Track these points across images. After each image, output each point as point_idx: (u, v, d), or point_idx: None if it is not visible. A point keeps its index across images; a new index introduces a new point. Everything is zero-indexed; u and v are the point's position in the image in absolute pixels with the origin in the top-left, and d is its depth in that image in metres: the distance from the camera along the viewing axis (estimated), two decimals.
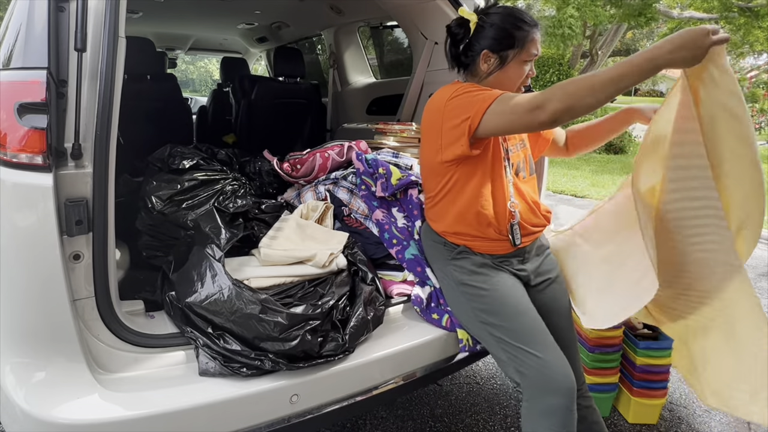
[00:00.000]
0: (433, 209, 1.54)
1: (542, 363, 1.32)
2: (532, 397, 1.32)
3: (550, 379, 1.30)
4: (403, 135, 2.42)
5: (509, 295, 1.42)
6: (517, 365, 1.35)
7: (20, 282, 1.13)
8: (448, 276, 1.51)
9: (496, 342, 1.40)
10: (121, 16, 1.21)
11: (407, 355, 1.50)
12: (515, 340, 1.36)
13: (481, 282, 1.43)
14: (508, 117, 1.24)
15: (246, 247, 1.66)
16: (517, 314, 1.39)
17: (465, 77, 1.52)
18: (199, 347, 1.28)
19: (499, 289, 1.42)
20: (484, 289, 1.42)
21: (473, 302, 1.44)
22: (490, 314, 1.41)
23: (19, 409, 1.07)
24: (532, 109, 1.19)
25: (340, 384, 1.37)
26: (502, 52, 1.41)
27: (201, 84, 24.30)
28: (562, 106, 1.15)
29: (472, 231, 1.45)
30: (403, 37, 3.46)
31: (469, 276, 1.45)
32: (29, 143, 1.09)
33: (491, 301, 1.41)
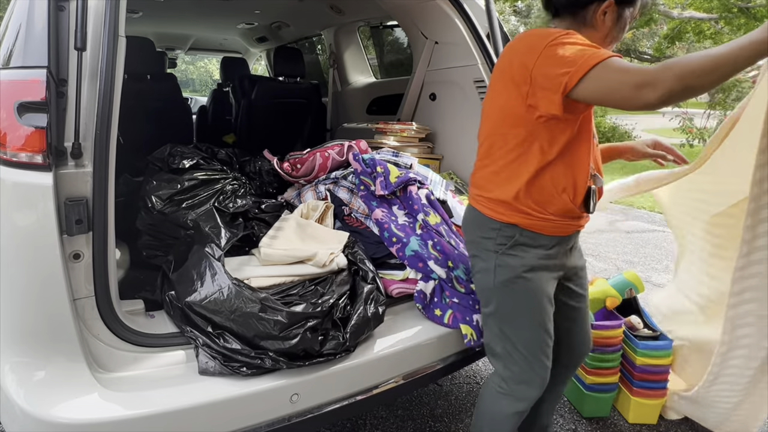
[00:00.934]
0: (499, 174, 1.31)
1: (532, 377, 1.38)
2: (503, 387, 1.41)
3: (528, 389, 1.39)
4: (403, 134, 2.43)
5: (541, 312, 1.35)
6: (508, 363, 1.39)
7: (20, 281, 1.13)
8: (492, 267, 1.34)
9: (500, 338, 1.39)
10: (121, 16, 1.22)
11: (407, 355, 1.50)
12: (522, 348, 1.36)
13: (524, 286, 1.32)
14: (609, 86, 1.08)
15: (246, 247, 1.66)
16: (537, 330, 1.35)
17: (560, 26, 1.33)
18: (198, 346, 1.28)
19: (536, 298, 1.33)
20: (523, 296, 1.33)
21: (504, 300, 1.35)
22: (512, 320, 1.36)
23: (18, 409, 1.07)
24: (641, 85, 1.03)
25: (341, 383, 1.37)
26: (622, 7, 1.27)
27: (201, 84, 24.29)
28: (677, 86, 0.99)
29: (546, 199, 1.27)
30: (403, 37, 3.47)
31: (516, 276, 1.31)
32: (29, 142, 1.09)
33: (521, 309, 1.34)
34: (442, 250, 1.67)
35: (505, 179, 1.29)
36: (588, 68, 1.08)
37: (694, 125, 8.29)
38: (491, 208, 1.32)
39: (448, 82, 2.42)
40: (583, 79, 1.09)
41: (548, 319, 1.37)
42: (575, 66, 1.10)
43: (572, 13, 1.30)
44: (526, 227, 1.29)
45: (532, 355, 1.36)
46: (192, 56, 14.68)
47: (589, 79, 1.09)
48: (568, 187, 1.27)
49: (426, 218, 1.75)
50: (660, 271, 4.06)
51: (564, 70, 1.11)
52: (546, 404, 1.65)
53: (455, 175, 2.39)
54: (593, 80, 1.09)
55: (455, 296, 1.61)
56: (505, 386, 1.41)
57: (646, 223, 5.72)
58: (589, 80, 1.09)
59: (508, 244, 1.30)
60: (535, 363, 1.37)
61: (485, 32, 2.16)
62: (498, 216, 1.31)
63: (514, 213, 1.29)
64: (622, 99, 1.07)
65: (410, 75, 2.69)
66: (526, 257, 1.30)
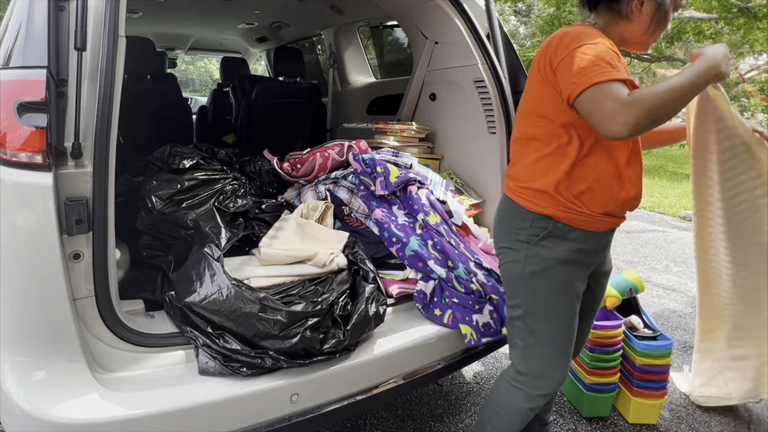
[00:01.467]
0: (538, 164, 1.29)
1: (552, 373, 1.36)
2: (519, 380, 1.40)
3: (547, 384, 1.37)
4: (403, 134, 2.43)
5: (569, 307, 1.34)
6: (529, 357, 1.38)
7: (20, 281, 1.13)
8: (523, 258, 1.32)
9: (524, 331, 1.37)
10: (121, 16, 1.21)
11: (407, 355, 1.50)
12: (546, 342, 1.34)
13: (553, 278, 1.31)
14: (593, 108, 1.11)
15: (246, 247, 1.66)
16: (563, 325, 1.34)
17: (597, 20, 1.32)
18: (198, 347, 1.28)
19: (565, 292, 1.32)
20: (552, 288, 1.32)
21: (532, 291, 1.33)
22: (538, 312, 1.34)
23: (18, 409, 1.07)
24: (614, 115, 1.07)
25: (341, 383, 1.37)
26: None
27: (201, 84, 24.28)
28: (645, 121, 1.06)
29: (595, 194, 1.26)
30: (403, 37, 3.47)
31: (546, 267, 1.30)
32: (29, 142, 1.09)
33: (549, 301, 1.33)
34: (443, 250, 1.67)
35: (544, 169, 1.28)
36: (588, 85, 1.11)
37: None
38: (528, 198, 1.31)
39: (448, 82, 2.42)
40: (581, 94, 1.13)
41: (575, 314, 1.36)
42: (582, 78, 1.12)
43: (609, 7, 1.29)
44: (561, 219, 1.27)
45: (556, 350, 1.35)
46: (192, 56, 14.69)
47: (585, 94, 1.12)
48: (610, 182, 1.26)
49: (426, 218, 1.75)
50: (660, 271, 4.06)
51: (572, 80, 1.14)
52: None
53: (455, 175, 2.39)
54: (586, 97, 1.12)
55: (455, 296, 1.61)
56: (522, 380, 1.39)
57: (646, 223, 5.72)
58: (585, 96, 1.12)
59: (541, 235, 1.29)
60: (557, 358, 1.35)
61: (485, 32, 2.16)
62: (534, 207, 1.29)
63: (551, 204, 1.27)
64: (598, 124, 1.11)
65: (410, 75, 2.69)
66: (558, 249, 1.29)
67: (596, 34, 1.20)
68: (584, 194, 1.26)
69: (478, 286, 1.65)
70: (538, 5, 15.43)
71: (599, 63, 1.13)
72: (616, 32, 1.29)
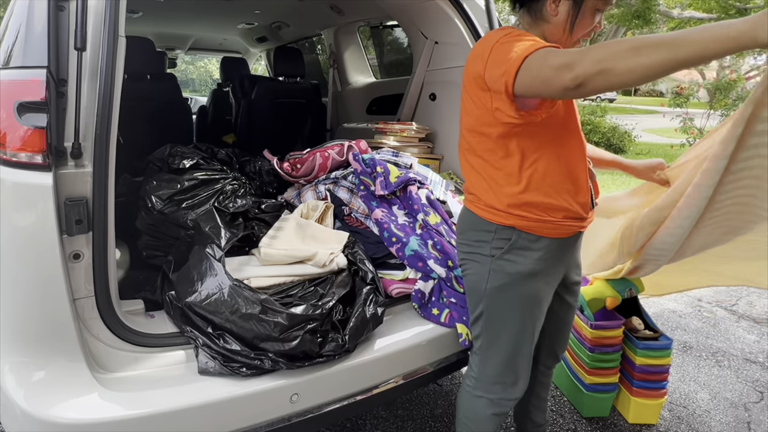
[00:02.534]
0: (491, 177, 1.25)
1: (508, 378, 1.36)
2: (475, 387, 1.40)
3: (504, 390, 1.37)
4: (403, 134, 2.43)
5: (532, 319, 1.32)
6: (485, 363, 1.37)
7: (20, 281, 1.13)
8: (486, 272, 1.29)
9: (482, 339, 1.36)
10: (121, 16, 1.21)
11: (407, 355, 1.50)
12: (503, 351, 1.33)
13: (517, 293, 1.28)
14: (535, 73, 1.02)
15: (246, 247, 1.66)
16: (523, 336, 1.33)
17: (521, 21, 1.29)
18: (198, 347, 1.28)
19: (527, 305, 1.30)
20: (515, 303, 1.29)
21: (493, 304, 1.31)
22: (498, 324, 1.32)
23: (18, 409, 1.07)
24: (560, 67, 0.96)
25: (340, 383, 1.37)
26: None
27: (201, 84, 24.28)
28: (592, 68, 0.92)
29: (543, 200, 1.22)
30: (403, 37, 3.46)
31: (510, 282, 1.27)
32: (29, 142, 1.09)
33: (510, 314, 1.30)
34: (442, 250, 1.67)
35: (497, 183, 1.24)
36: (521, 60, 1.04)
37: (694, 126, 8.29)
38: (485, 209, 1.27)
39: (448, 82, 2.42)
40: (518, 74, 1.05)
41: (537, 326, 1.35)
42: (510, 62, 1.06)
43: (528, 7, 1.26)
44: (525, 229, 1.23)
45: (515, 359, 1.34)
46: (192, 56, 14.68)
47: (521, 71, 1.05)
48: (565, 186, 1.24)
49: (426, 218, 1.75)
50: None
51: (502, 70, 1.08)
52: (532, 404, 1.66)
53: (455, 175, 2.39)
54: (524, 71, 1.04)
55: (453, 296, 1.61)
56: (479, 386, 1.39)
57: None
58: (522, 73, 1.05)
59: (505, 248, 1.25)
60: (515, 366, 1.35)
61: (485, 32, 2.16)
62: (494, 218, 1.25)
63: (511, 215, 1.23)
64: (544, 83, 1.01)
65: (410, 75, 2.69)
66: (523, 262, 1.25)
67: (507, 31, 1.16)
68: (542, 203, 1.22)
69: None
70: None
71: (523, 43, 1.07)
72: (537, 33, 1.24)
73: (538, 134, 1.20)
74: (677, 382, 2.40)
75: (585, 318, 2.05)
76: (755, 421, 2.13)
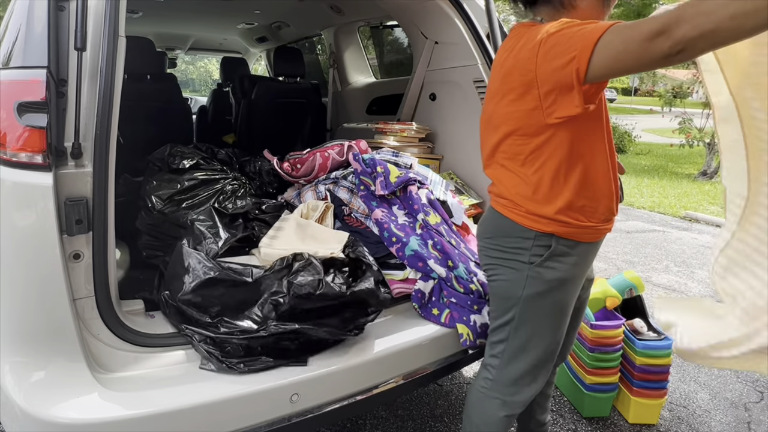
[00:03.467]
0: (530, 185, 1.20)
1: (529, 381, 1.34)
2: (491, 387, 1.36)
3: (520, 392, 1.34)
4: (403, 134, 2.43)
5: (561, 324, 1.31)
6: (509, 366, 1.33)
7: (20, 281, 1.13)
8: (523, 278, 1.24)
9: (509, 343, 1.32)
10: (121, 16, 1.22)
11: (407, 355, 1.50)
12: (531, 355, 1.30)
13: (554, 299, 1.25)
14: (619, 49, 0.94)
15: (246, 247, 1.66)
16: (553, 340, 1.31)
17: (542, 16, 1.23)
18: (196, 343, 1.28)
19: (561, 311, 1.29)
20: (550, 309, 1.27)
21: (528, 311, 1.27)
22: (530, 329, 1.28)
23: (18, 409, 1.07)
24: (653, 36, 0.88)
25: (341, 383, 1.37)
26: None
27: (201, 84, 24.29)
28: (694, 31, 0.83)
29: (596, 204, 1.19)
30: (403, 37, 3.47)
31: (548, 290, 1.23)
32: (29, 142, 1.09)
33: (544, 321, 1.28)
34: (443, 250, 1.67)
35: (539, 189, 1.19)
36: (594, 43, 0.97)
37: (693, 126, 8.31)
38: (523, 215, 1.22)
39: (448, 82, 2.42)
40: (593, 57, 0.98)
41: (565, 329, 1.34)
42: (579, 47, 0.99)
43: (544, 2, 1.21)
44: (564, 235, 1.20)
45: (540, 362, 1.32)
46: (192, 56, 14.68)
47: (597, 53, 0.97)
48: (605, 186, 1.21)
49: (426, 218, 1.75)
50: (660, 271, 4.06)
51: (569, 56, 1.01)
52: (537, 402, 1.65)
53: (455, 175, 2.39)
54: (602, 52, 0.97)
55: (453, 296, 1.61)
56: (494, 387, 1.36)
57: (646, 223, 5.72)
58: (598, 54, 0.97)
59: (545, 255, 1.21)
60: (538, 370, 1.33)
61: (485, 32, 2.16)
62: (534, 225, 1.20)
63: (551, 222, 1.19)
64: (636, 60, 0.93)
65: (410, 75, 2.69)
66: (561, 269, 1.22)
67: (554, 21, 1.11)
68: (586, 206, 1.20)
69: (478, 286, 1.65)
70: None
71: (584, 25, 1.01)
72: None
73: (582, 131, 1.15)
74: (677, 382, 2.40)
75: (585, 318, 2.05)
76: (755, 421, 2.13)
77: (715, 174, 8.37)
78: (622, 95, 37.96)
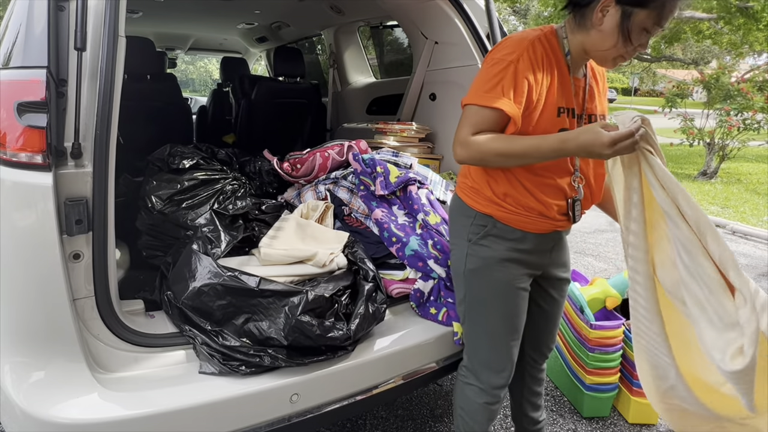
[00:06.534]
0: (476, 172, 1.34)
1: (496, 363, 1.40)
2: (467, 376, 1.46)
3: (493, 377, 1.41)
4: (403, 134, 2.43)
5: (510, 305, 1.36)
6: (473, 349, 1.43)
7: (20, 281, 1.13)
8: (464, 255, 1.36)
9: (467, 325, 1.43)
10: (120, 16, 1.22)
11: (407, 355, 1.50)
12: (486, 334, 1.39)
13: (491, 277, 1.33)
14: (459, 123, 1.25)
15: (246, 247, 1.66)
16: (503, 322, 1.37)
17: (566, 23, 1.27)
18: (197, 345, 1.28)
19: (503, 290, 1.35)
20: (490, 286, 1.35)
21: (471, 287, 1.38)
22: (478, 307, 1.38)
23: (18, 409, 1.07)
24: (460, 143, 1.21)
25: (341, 383, 1.37)
26: (627, 6, 1.12)
27: (201, 84, 24.29)
28: (468, 159, 1.22)
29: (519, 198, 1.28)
30: (403, 37, 3.46)
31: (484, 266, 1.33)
32: (29, 142, 1.09)
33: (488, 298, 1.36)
34: (443, 249, 1.67)
35: (482, 170, 1.32)
36: (468, 102, 1.23)
37: (694, 126, 8.31)
38: (470, 195, 1.35)
39: (448, 82, 2.42)
40: (465, 107, 1.25)
41: (517, 312, 1.38)
42: (471, 92, 1.24)
43: (575, 11, 1.24)
44: (501, 219, 1.31)
45: (497, 342, 1.39)
46: (192, 56, 14.69)
47: (465, 108, 1.25)
48: (535, 195, 1.28)
49: (426, 218, 1.75)
50: None
51: (470, 89, 1.25)
52: (525, 398, 1.66)
53: (455, 175, 2.39)
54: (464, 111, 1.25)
55: (450, 296, 1.62)
56: (467, 374, 1.45)
57: None
58: (464, 109, 1.25)
59: (480, 234, 1.33)
60: (498, 350, 1.39)
61: (485, 32, 2.16)
62: (474, 204, 1.34)
63: (490, 203, 1.31)
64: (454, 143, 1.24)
65: (410, 75, 2.69)
66: (496, 249, 1.32)
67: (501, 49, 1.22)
68: (509, 195, 1.29)
69: None
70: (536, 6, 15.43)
71: (491, 82, 1.19)
72: (578, 40, 1.23)
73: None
74: None
75: (585, 318, 2.05)
76: None
77: (715, 174, 8.37)
78: (622, 95, 37.97)
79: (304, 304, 1.29)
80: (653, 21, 1.13)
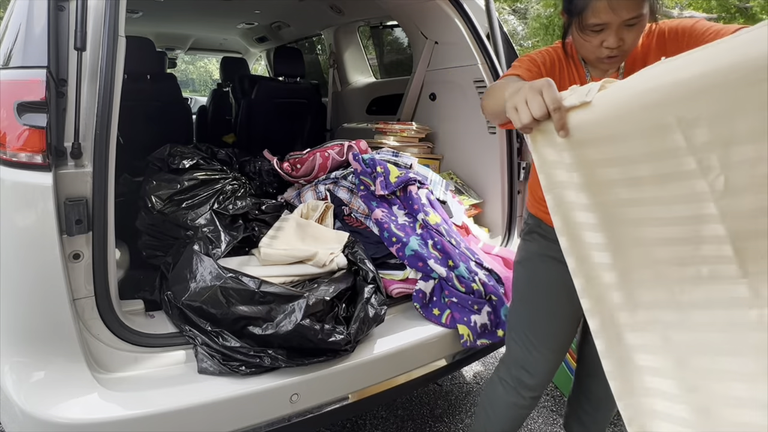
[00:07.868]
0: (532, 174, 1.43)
1: (531, 363, 1.38)
2: (502, 372, 1.46)
3: (528, 377, 1.38)
4: (403, 134, 2.43)
5: (551, 303, 1.36)
6: (511, 344, 1.44)
7: (20, 281, 1.13)
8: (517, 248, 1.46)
9: (510, 318, 1.46)
10: (120, 16, 1.22)
11: (408, 355, 1.50)
12: (524, 330, 1.39)
13: (531, 269, 1.39)
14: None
15: (246, 247, 1.66)
16: (541, 319, 1.37)
17: None
18: (197, 346, 1.28)
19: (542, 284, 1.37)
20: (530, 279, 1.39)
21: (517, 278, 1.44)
22: (520, 300, 1.42)
23: (18, 409, 1.07)
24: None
25: (341, 383, 1.37)
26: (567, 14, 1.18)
27: (201, 84, 24.28)
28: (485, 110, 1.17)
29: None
30: (403, 37, 3.47)
31: (526, 259, 1.40)
32: (29, 142, 1.09)
33: (528, 290, 1.40)
34: (443, 249, 1.67)
35: (533, 173, 1.37)
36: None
37: None
38: (528, 195, 1.47)
39: (448, 82, 2.42)
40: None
41: (556, 308, 1.35)
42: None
43: None
44: (544, 220, 1.35)
45: (533, 343, 1.36)
46: (192, 56, 14.69)
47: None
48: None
49: (426, 218, 1.75)
50: None
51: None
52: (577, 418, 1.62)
53: (455, 175, 2.39)
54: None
55: (454, 296, 1.61)
56: (501, 366, 1.46)
57: None
58: None
59: (527, 230, 1.42)
60: (533, 352, 1.36)
61: (485, 32, 2.16)
62: (527, 204, 1.46)
63: (536, 204, 1.39)
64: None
65: (410, 75, 2.69)
66: (539, 244, 1.37)
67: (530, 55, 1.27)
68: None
69: (480, 285, 1.65)
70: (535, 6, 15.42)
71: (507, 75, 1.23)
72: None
73: None
74: None
75: None
76: None
77: None
78: None
79: (305, 308, 1.29)
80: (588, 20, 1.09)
